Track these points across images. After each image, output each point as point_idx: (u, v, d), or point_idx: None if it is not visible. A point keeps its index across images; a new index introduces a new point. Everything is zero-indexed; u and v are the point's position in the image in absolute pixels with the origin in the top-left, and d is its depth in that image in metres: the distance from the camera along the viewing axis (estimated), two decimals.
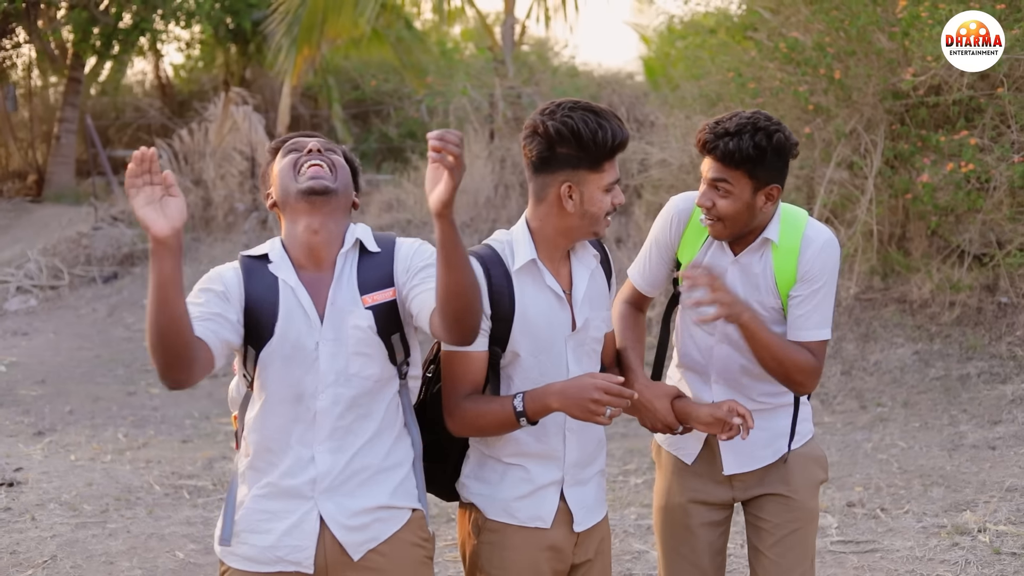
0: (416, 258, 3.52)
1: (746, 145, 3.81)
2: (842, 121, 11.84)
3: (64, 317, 17.72)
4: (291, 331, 3.46)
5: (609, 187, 3.58)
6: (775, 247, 4.03)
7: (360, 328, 3.48)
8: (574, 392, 3.45)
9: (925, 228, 11.97)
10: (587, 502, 3.82)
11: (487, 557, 3.72)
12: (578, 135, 3.47)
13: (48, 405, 12.20)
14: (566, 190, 3.55)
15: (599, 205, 3.58)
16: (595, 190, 3.56)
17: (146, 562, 7.12)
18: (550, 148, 3.53)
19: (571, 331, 3.72)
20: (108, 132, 29.17)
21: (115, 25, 26.14)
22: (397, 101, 25.50)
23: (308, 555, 3.49)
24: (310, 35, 19.60)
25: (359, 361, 3.50)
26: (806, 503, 4.21)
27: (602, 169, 3.55)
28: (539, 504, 3.72)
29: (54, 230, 21.91)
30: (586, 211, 3.58)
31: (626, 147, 3.61)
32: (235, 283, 3.47)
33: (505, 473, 3.73)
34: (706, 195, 3.94)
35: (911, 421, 10.07)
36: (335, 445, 3.51)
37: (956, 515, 7.47)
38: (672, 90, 16.65)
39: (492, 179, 17.27)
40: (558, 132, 3.49)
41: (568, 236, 3.66)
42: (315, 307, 3.48)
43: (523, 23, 21.18)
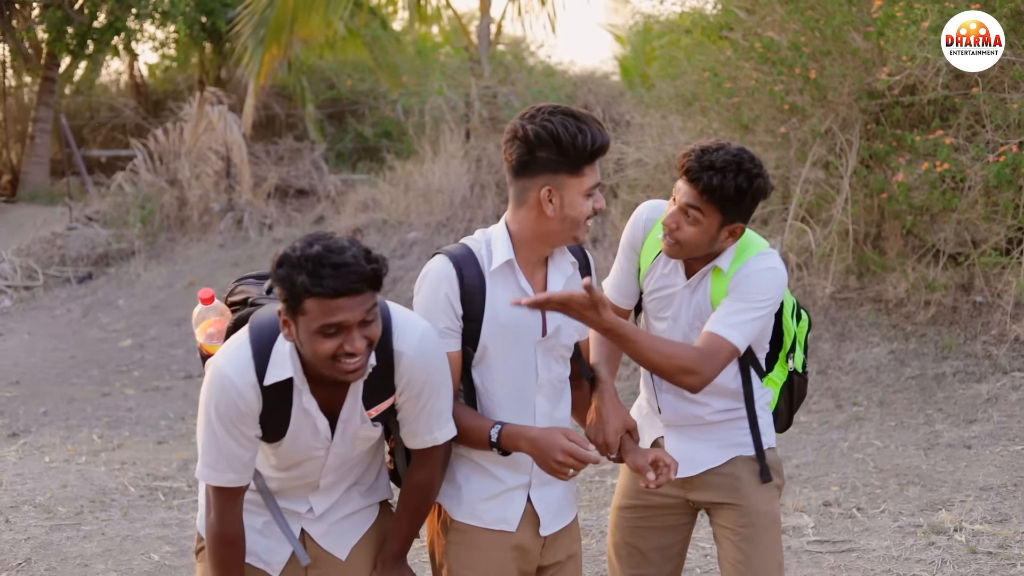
0: (413, 381, 3.48)
1: (728, 184, 3.82)
2: (817, 121, 11.85)
3: (38, 318, 17.66)
4: (300, 443, 3.51)
5: (589, 191, 3.58)
6: (718, 274, 4.07)
7: (371, 439, 3.60)
8: (543, 446, 3.51)
9: (900, 227, 11.99)
10: (555, 505, 3.84)
11: (454, 557, 3.74)
12: (558, 139, 3.47)
13: (22, 406, 12.14)
14: (546, 194, 3.55)
15: (579, 210, 3.58)
16: (575, 194, 3.56)
17: (121, 564, 7.10)
18: (530, 152, 3.53)
19: (541, 336, 3.73)
20: (83, 132, 29.05)
21: (89, 24, 26.06)
22: (373, 101, 25.46)
23: (281, 561, 3.67)
24: (279, 35, 19.54)
25: (363, 445, 3.63)
26: (759, 507, 4.21)
27: (582, 173, 3.55)
28: (505, 506, 3.74)
29: (28, 230, 21.82)
30: (566, 215, 3.57)
31: (607, 151, 3.61)
32: (256, 404, 3.39)
33: (471, 474, 3.75)
34: (674, 217, 3.95)
35: (887, 420, 10.08)
36: (331, 488, 3.70)
37: (932, 514, 7.50)
38: (648, 90, 16.64)
39: (468, 179, 17.25)
40: (538, 136, 3.49)
41: (547, 240, 3.66)
42: (328, 425, 3.50)
43: (499, 23, 21.16)
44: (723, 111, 12.93)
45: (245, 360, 3.35)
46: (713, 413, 4.22)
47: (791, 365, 4.41)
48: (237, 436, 3.38)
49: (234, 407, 3.34)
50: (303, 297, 3.14)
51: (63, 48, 26.63)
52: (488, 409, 3.71)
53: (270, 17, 19.40)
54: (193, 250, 19.45)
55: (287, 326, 3.26)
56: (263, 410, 3.39)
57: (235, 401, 3.33)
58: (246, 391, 3.34)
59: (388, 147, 22.25)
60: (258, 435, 3.43)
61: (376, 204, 18.39)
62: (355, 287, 3.14)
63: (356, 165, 23.67)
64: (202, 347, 3.77)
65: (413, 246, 16.52)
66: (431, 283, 3.63)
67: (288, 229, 19.19)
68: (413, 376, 3.44)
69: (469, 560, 3.72)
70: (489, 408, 3.71)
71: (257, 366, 3.35)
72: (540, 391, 3.74)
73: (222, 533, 3.49)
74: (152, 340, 15.70)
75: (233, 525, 3.50)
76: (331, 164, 23.09)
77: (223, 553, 3.51)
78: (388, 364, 3.43)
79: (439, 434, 3.53)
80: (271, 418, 3.41)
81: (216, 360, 3.39)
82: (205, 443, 3.40)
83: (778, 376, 4.39)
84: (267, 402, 3.38)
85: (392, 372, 3.45)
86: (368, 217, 17.98)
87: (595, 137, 3.50)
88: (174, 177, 20.91)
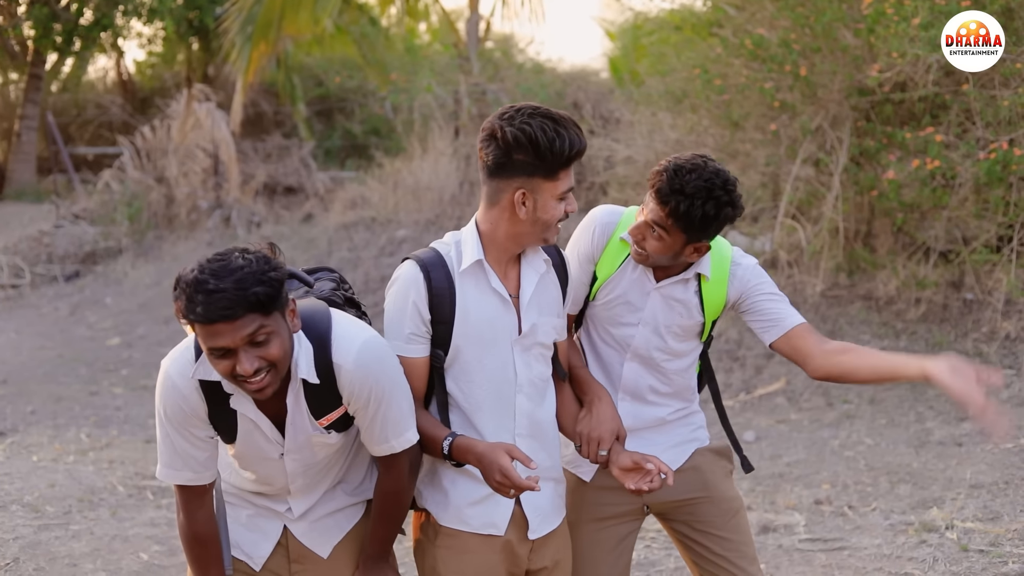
0: (357, 395, 3.44)
1: (696, 211, 3.79)
2: (808, 118, 11.84)
3: (25, 316, 17.59)
4: (251, 446, 3.52)
5: (563, 195, 3.57)
6: (705, 280, 4.08)
7: (328, 444, 3.58)
8: (487, 463, 3.49)
9: (891, 225, 11.99)
10: (543, 508, 3.82)
11: (443, 561, 3.73)
12: (535, 143, 3.44)
13: (9, 405, 12.08)
14: (520, 196, 3.54)
15: (552, 213, 3.57)
16: (549, 198, 3.55)
17: (110, 564, 7.06)
18: (506, 154, 3.50)
19: (517, 335, 3.71)
20: (69, 129, 28.98)
21: (76, 21, 26.01)
22: (361, 98, 25.44)
23: (262, 555, 3.69)
24: (267, 32, 19.53)
25: (323, 451, 3.61)
26: (728, 494, 4.23)
27: (557, 177, 3.53)
28: (492, 510, 3.72)
29: (15, 228, 21.75)
30: (538, 218, 3.57)
31: (583, 156, 3.59)
32: (199, 403, 3.41)
33: (457, 478, 3.73)
34: (639, 230, 3.93)
35: (878, 418, 10.08)
36: (307, 490, 3.70)
37: (923, 512, 7.49)
38: (638, 87, 16.63)
39: (457, 176, 17.25)
40: (515, 139, 3.46)
41: (518, 241, 3.65)
42: (276, 429, 3.50)
43: (487, 20, 21.13)
44: (713, 108, 12.93)
45: (188, 361, 3.37)
46: (672, 413, 4.22)
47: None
48: (188, 436, 3.42)
49: (179, 408, 3.39)
50: (189, 320, 3.15)
51: (50, 45, 26.56)
52: (467, 412, 3.69)
53: (258, 14, 19.38)
54: (181, 248, 19.39)
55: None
56: (209, 410, 3.41)
57: (178, 403, 3.38)
58: (188, 392, 3.37)
59: (377, 144, 22.24)
60: (211, 435, 3.47)
61: (365, 202, 18.36)
62: (227, 314, 3.09)
63: (345, 162, 23.65)
64: None
65: (402, 244, 16.48)
66: (398, 290, 3.64)
67: (276, 227, 19.16)
68: (355, 388, 3.41)
69: (458, 565, 3.71)
70: (468, 411, 3.69)
71: (197, 366, 3.38)
72: (520, 391, 3.72)
73: (193, 532, 3.54)
74: (140, 338, 15.65)
75: (203, 523, 3.52)
76: (319, 161, 23.07)
77: (197, 552, 3.55)
78: (329, 377, 3.41)
79: (396, 442, 3.50)
80: (219, 419, 3.43)
81: (164, 361, 3.42)
82: (160, 443, 3.46)
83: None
84: (210, 402, 3.40)
85: (334, 384, 3.43)
86: (357, 215, 17.95)
87: (572, 142, 3.48)
88: (162, 175, 20.86)
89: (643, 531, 7.40)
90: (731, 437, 4.31)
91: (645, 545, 7.21)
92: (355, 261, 16.16)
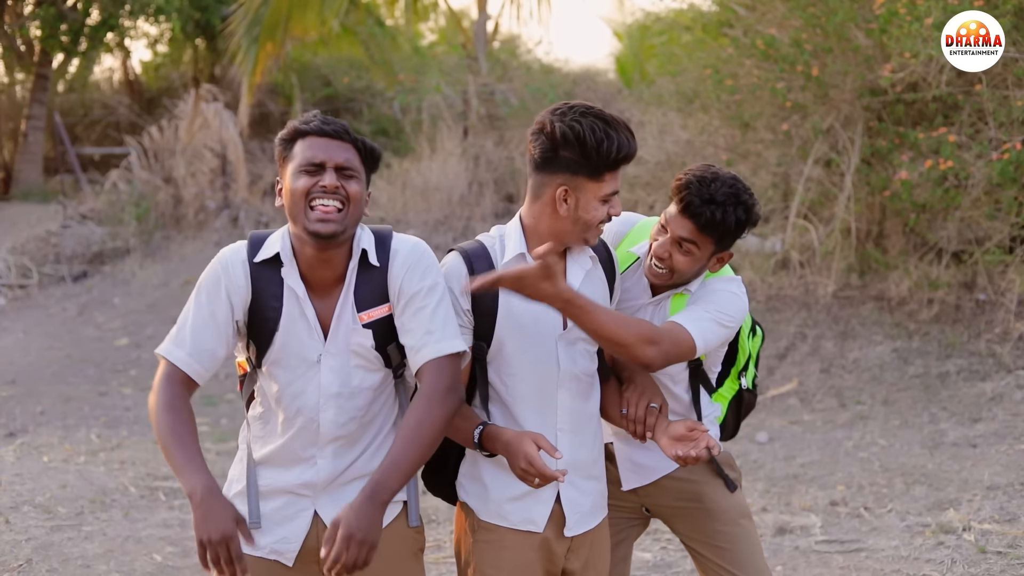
0: (407, 281, 3.50)
1: (729, 219, 3.80)
2: (819, 118, 11.82)
3: (33, 316, 17.58)
4: (292, 342, 3.49)
5: (607, 197, 3.55)
6: (680, 295, 4.06)
7: (363, 347, 3.52)
8: (513, 450, 3.47)
9: (903, 225, 11.96)
10: (583, 507, 3.79)
11: (480, 556, 3.71)
12: (583, 141, 3.43)
13: (19, 406, 12.07)
14: (562, 193, 3.53)
15: (593, 214, 3.55)
16: (591, 198, 3.53)
17: (123, 565, 7.04)
18: (553, 149, 3.49)
19: (562, 330, 3.69)
20: (76, 129, 28.97)
21: (83, 21, 26.00)
22: (369, 98, 25.41)
23: (293, 549, 3.59)
24: (273, 32, 19.51)
25: (360, 374, 3.54)
26: (722, 504, 4.19)
27: (602, 179, 3.51)
28: (532, 507, 3.70)
29: (22, 228, 21.73)
30: (579, 217, 3.55)
31: (632, 160, 3.56)
32: (243, 283, 3.47)
33: (498, 473, 3.70)
34: (665, 247, 3.89)
35: (891, 419, 10.05)
36: (337, 450, 3.58)
37: (940, 514, 7.46)
38: (648, 87, 16.61)
39: (466, 176, 17.24)
40: (563, 135, 3.45)
41: (559, 238, 3.62)
42: (319, 321, 3.50)
43: (496, 20, 21.13)
44: (724, 108, 12.91)
45: (240, 246, 3.56)
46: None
47: (743, 383, 4.38)
48: (210, 313, 3.47)
49: (217, 279, 3.48)
50: (295, 140, 3.48)
51: (56, 45, 26.56)
52: (509, 404, 3.67)
53: (264, 15, 19.36)
54: (189, 248, 19.37)
55: (277, 186, 3.54)
56: (253, 294, 3.48)
57: (219, 274, 3.49)
58: (235, 265, 3.49)
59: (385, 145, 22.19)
60: (232, 324, 3.48)
61: (373, 202, 18.30)
62: (339, 133, 3.45)
63: None
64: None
65: None
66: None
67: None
68: (409, 274, 3.49)
69: (496, 560, 3.69)
70: (510, 403, 3.67)
71: (250, 251, 3.53)
72: (563, 386, 3.70)
73: (161, 402, 3.41)
74: (148, 339, 15.62)
75: (173, 396, 3.42)
76: None
77: (167, 419, 3.38)
78: (384, 263, 3.52)
79: (444, 344, 3.44)
80: (263, 305, 3.49)
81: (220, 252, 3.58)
82: (180, 320, 3.52)
83: (728, 391, 4.36)
84: (256, 283, 3.48)
85: (387, 273, 3.52)
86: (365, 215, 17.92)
87: (621, 145, 3.46)
88: (169, 175, 20.84)
89: (659, 533, 7.39)
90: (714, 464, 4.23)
91: (661, 547, 7.19)
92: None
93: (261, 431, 3.64)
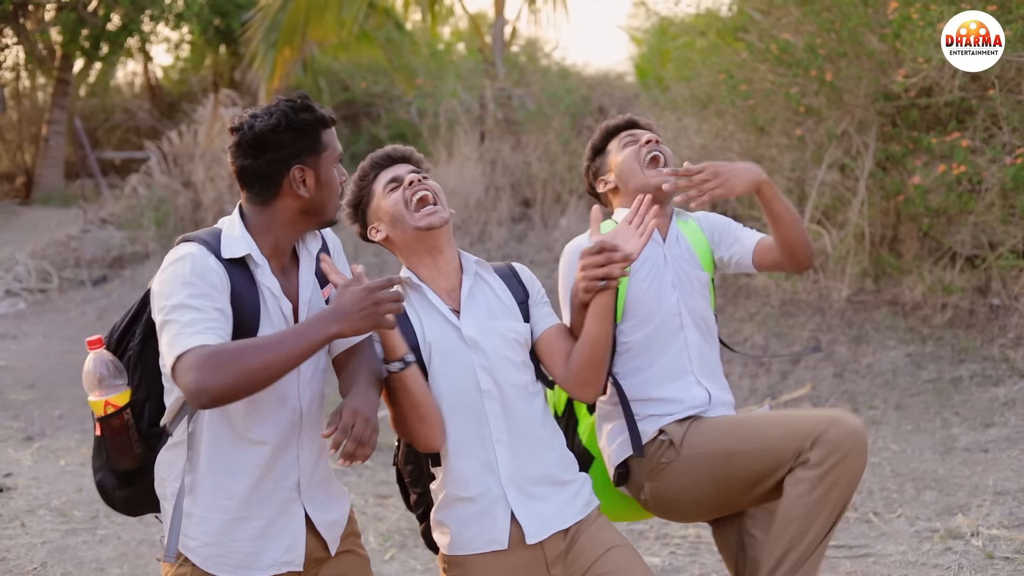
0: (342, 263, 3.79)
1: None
2: (833, 123, 11.83)
3: (53, 320, 17.67)
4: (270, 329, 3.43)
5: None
6: (682, 224, 4.33)
7: None
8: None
9: (917, 230, 11.97)
10: (544, 512, 3.74)
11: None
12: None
13: (38, 409, 12.14)
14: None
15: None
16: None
17: (137, 568, 7.09)
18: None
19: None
20: (97, 134, 29.14)
21: (103, 27, 26.13)
22: (387, 103, 25.43)
23: (300, 553, 3.54)
24: (292, 37, 19.58)
25: (323, 355, 3.60)
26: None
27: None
28: (491, 526, 3.68)
29: (43, 233, 21.86)
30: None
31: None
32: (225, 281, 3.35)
33: (453, 506, 3.71)
34: (654, 147, 4.36)
35: (903, 424, 10.06)
36: (310, 443, 3.58)
37: (949, 519, 7.47)
38: (663, 92, 16.63)
39: (483, 181, 17.25)
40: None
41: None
42: (292, 310, 3.50)
43: (513, 24, 21.15)
44: (738, 113, 12.93)
45: (198, 248, 3.36)
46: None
47: None
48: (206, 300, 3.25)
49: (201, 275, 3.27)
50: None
51: (77, 50, 26.72)
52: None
53: (282, 20, 19.43)
54: None
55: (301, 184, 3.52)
56: (232, 290, 3.34)
57: (201, 270, 3.28)
58: (214, 264, 3.32)
59: None
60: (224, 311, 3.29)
61: None
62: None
63: None
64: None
65: None
66: None
67: None
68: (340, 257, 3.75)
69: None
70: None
71: (212, 251, 3.36)
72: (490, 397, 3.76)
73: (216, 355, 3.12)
74: None
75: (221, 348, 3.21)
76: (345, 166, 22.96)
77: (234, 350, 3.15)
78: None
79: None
80: (242, 300, 3.36)
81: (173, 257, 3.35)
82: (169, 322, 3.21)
83: None
84: (233, 281, 3.35)
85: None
86: None
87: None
88: (188, 179, 20.90)
89: (667, 537, 7.42)
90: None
91: (670, 551, 7.22)
92: (381, 266, 16.19)
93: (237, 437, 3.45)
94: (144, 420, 3.55)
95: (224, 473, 3.43)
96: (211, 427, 3.41)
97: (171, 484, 3.46)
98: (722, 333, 11.90)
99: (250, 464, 3.44)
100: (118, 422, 3.48)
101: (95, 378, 3.47)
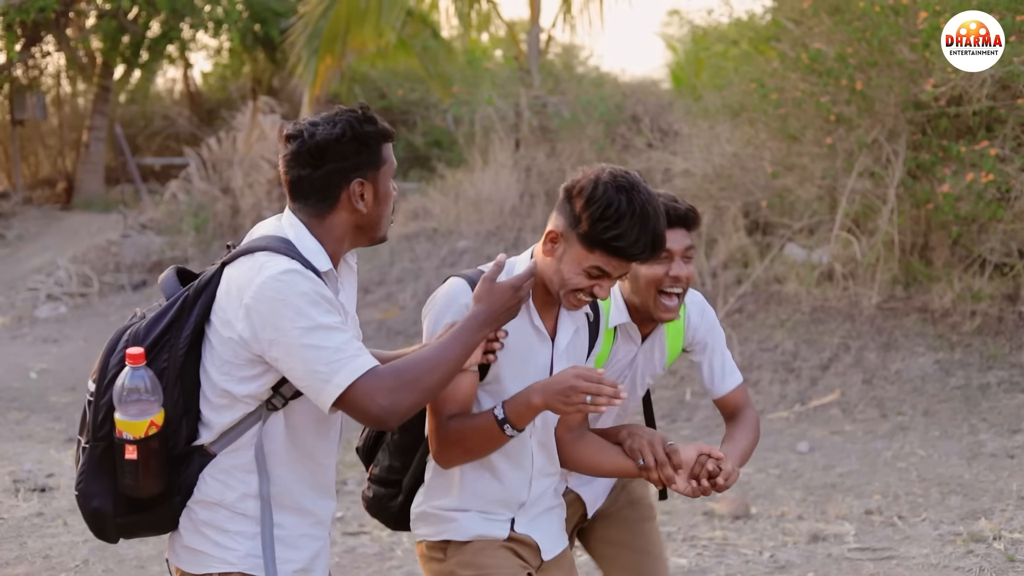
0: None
1: (682, 207, 3.88)
2: (864, 131, 11.91)
3: (94, 324, 17.82)
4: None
5: (590, 270, 3.40)
6: (668, 324, 4.06)
7: None
8: (555, 384, 3.32)
9: (946, 238, 12.02)
10: (551, 531, 3.80)
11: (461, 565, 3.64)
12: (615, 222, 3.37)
13: (78, 412, 12.20)
14: (552, 234, 3.46)
15: (568, 277, 3.43)
16: (572, 260, 3.41)
17: None
18: (567, 201, 3.46)
19: (549, 374, 3.59)
20: (137, 140, 29.34)
21: (143, 34, 26.37)
22: (423, 110, 25.61)
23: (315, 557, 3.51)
24: (332, 45, 19.74)
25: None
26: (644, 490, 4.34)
27: (592, 252, 3.39)
28: (492, 527, 3.67)
29: (83, 238, 22.06)
30: (560, 270, 3.45)
31: (630, 256, 3.44)
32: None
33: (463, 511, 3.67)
34: (681, 267, 3.85)
35: (931, 430, 10.13)
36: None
37: (972, 523, 7.55)
38: (696, 100, 16.71)
39: (517, 188, 17.32)
40: (602, 211, 3.37)
41: (549, 286, 3.52)
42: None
43: (549, 32, 21.25)
44: (770, 121, 13.02)
45: (300, 266, 3.18)
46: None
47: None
48: (341, 319, 3.19)
49: (318, 288, 3.15)
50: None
51: (117, 57, 26.95)
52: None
53: (324, 28, 19.59)
54: None
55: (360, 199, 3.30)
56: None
57: (318, 286, 3.15)
58: (315, 280, 3.17)
59: (438, 156, 22.38)
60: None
61: (426, 213, 18.49)
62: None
63: (407, 174, 23.80)
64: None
65: (463, 255, 16.59)
66: (438, 304, 3.59)
67: None
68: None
69: (473, 558, 3.64)
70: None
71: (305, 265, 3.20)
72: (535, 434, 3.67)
73: (390, 370, 3.16)
74: None
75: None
76: None
77: (415, 361, 3.21)
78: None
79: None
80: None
81: (273, 271, 3.15)
82: (314, 348, 3.10)
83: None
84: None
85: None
86: (419, 226, 18.08)
87: (637, 242, 3.36)
88: (227, 185, 21.05)
89: (695, 539, 7.53)
90: None
91: (697, 553, 7.31)
92: (416, 272, 16.31)
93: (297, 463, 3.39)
94: (182, 437, 3.30)
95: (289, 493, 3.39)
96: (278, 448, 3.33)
97: (239, 505, 3.33)
98: (752, 340, 12.04)
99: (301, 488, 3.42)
100: (156, 444, 3.21)
101: (134, 396, 3.21)
